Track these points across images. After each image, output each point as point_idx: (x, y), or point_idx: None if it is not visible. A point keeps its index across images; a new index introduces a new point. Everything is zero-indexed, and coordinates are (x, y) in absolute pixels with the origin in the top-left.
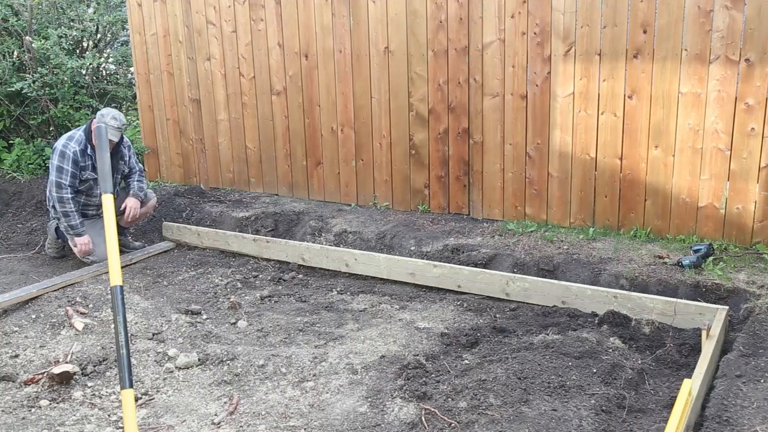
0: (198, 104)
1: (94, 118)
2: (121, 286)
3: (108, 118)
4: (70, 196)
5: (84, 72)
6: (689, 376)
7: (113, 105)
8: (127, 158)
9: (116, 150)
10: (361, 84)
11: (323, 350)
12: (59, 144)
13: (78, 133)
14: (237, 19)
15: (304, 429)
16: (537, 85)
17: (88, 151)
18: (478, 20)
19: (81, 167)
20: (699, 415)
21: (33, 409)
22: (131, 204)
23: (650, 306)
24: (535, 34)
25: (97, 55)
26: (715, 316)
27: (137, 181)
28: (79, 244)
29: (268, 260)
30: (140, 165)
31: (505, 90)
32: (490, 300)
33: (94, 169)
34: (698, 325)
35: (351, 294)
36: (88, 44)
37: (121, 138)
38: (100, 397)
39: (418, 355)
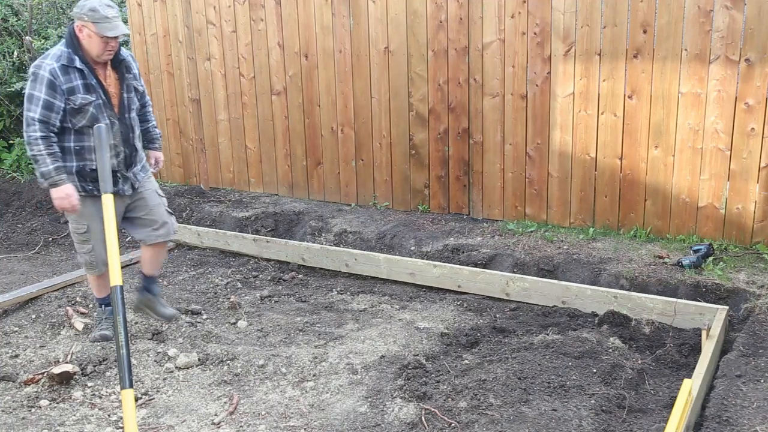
0: (198, 104)
1: (74, 21)
2: (121, 286)
3: (96, 3)
4: (39, 134)
5: None
6: (689, 376)
7: None
8: (137, 72)
9: (118, 55)
10: (361, 84)
11: (323, 350)
12: (32, 66)
13: (57, 46)
14: (237, 19)
15: (304, 429)
16: (537, 85)
17: (77, 64)
18: (478, 20)
19: (66, 90)
20: (699, 415)
21: (33, 409)
22: (160, 158)
23: (650, 306)
24: (535, 34)
25: None
26: (715, 316)
27: (155, 123)
28: (55, 197)
29: (268, 260)
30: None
31: (505, 90)
32: (490, 300)
33: (89, 89)
34: (698, 325)
35: (351, 294)
36: None
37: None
38: (100, 397)
39: (418, 355)
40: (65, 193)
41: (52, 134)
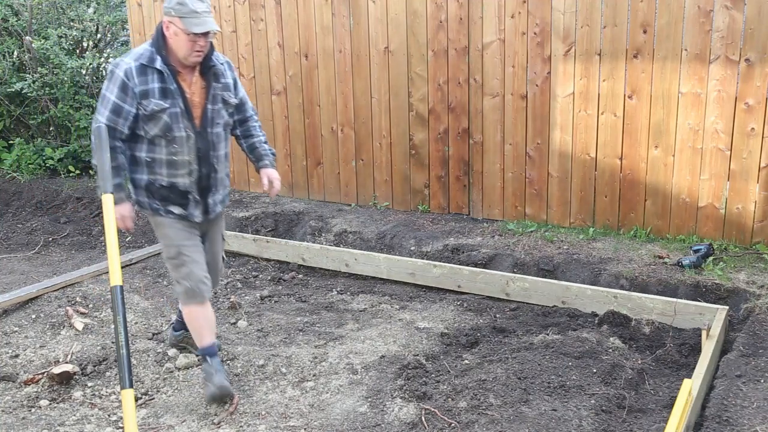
0: None
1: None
2: (121, 286)
3: None
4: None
5: (84, 72)
6: (689, 376)
7: None
8: (231, 82)
9: (209, 60)
10: (361, 84)
11: (323, 350)
12: (111, 62)
13: (143, 44)
14: (237, 19)
15: (304, 429)
16: (537, 85)
17: (157, 64)
18: (478, 20)
19: (139, 93)
20: (699, 415)
21: (33, 409)
22: (273, 176)
23: (650, 306)
24: (535, 34)
25: (97, 55)
26: (715, 316)
27: (262, 138)
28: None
29: (268, 260)
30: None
31: (505, 90)
32: (490, 300)
33: (166, 94)
34: (698, 325)
35: (351, 294)
36: (88, 44)
37: (211, 45)
38: (100, 397)
39: (418, 355)
40: (120, 214)
41: (118, 142)
